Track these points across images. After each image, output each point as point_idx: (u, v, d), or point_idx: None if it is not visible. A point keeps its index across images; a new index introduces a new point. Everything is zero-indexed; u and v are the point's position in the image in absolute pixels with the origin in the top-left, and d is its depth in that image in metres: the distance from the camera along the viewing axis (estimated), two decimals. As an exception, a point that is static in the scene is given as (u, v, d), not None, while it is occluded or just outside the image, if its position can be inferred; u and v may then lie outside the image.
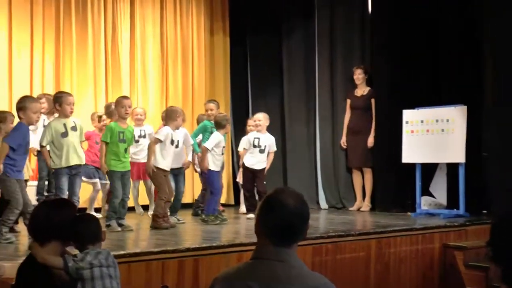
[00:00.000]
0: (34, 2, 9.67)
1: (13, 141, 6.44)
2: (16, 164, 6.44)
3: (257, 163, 8.70)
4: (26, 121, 6.53)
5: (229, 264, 5.52)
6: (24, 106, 6.52)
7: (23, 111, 6.50)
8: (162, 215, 7.55)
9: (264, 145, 8.71)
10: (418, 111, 8.78)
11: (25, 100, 6.66)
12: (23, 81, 9.39)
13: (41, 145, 6.96)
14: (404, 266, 7.08)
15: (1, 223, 6.32)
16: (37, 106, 6.64)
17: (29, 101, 6.63)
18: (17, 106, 6.63)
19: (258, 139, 8.72)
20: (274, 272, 2.55)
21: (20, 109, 6.54)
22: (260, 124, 8.80)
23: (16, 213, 6.41)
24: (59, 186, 6.91)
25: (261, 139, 8.73)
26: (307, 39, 10.82)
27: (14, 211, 6.36)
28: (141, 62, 10.69)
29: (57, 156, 6.94)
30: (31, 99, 6.80)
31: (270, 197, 2.68)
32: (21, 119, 6.55)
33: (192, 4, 11.38)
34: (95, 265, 3.58)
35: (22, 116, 6.52)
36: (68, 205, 3.86)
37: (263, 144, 8.71)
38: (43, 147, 6.97)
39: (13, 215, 6.37)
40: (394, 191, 9.35)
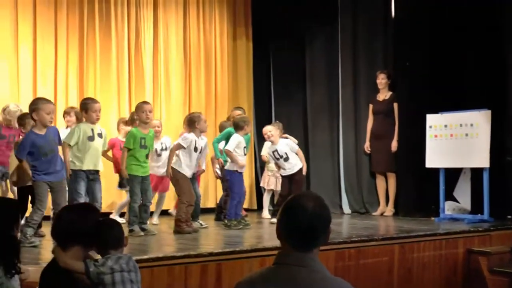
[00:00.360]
0: (58, 10, 9.76)
1: (20, 153, 6.55)
2: (38, 169, 6.50)
3: (290, 168, 8.66)
4: (40, 122, 6.55)
5: (252, 269, 5.52)
6: (37, 108, 6.54)
7: (36, 112, 6.53)
8: (185, 220, 7.57)
9: (284, 153, 8.65)
10: (441, 115, 8.73)
11: (37, 102, 6.68)
12: (48, 88, 9.47)
13: (68, 143, 6.98)
14: (427, 271, 7.04)
15: (25, 224, 6.39)
16: (49, 107, 6.61)
17: (42, 102, 6.64)
18: (30, 108, 6.64)
19: (276, 151, 8.66)
20: (297, 277, 2.54)
21: (33, 111, 6.56)
22: (272, 135, 8.70)
23: (40, 214, 6.49)
24: (77, 190, 6.94)
25: (278, 150, 8.65)
26: (330, 44, 10.81)
27: (38, 212, 6.45)
28: (164, 68, 10.74)
29: (78, 158, 6.98)
30: (44, 100, 6.78)
31: (290, 201, 2.69)
32: (34, 120, 6.58)
33: (215, 10, 11.42)
34: (116, 270, 3.59)
35: (35, 117, 6.53)
36: (91, 210, 3.88)
37: (282, 152, 8.64)
38: (70, 146, 6.97)
39: (37, 216, 6.45)
40: (417, 196, 9.31)
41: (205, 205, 10.42)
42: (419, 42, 9.28)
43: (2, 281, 3.67)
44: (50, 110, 6.60)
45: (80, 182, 6.95)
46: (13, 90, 9.29)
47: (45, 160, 6.56)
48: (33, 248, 6.16)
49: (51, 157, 6.62)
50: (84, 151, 6.97)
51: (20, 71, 9.39)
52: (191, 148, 7.73)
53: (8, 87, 9.26)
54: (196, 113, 8.35)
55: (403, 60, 9.53)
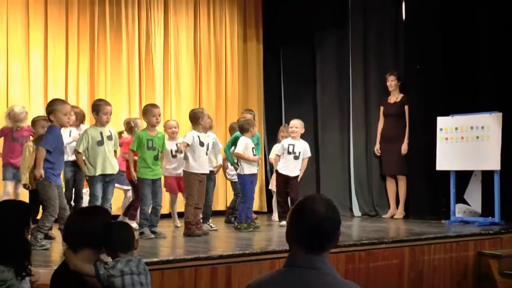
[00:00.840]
0: (69, 13, 9.80)
1: (48, 144, 6.51)
2: (55, 168, 6.53)
3: (291, 170, 8.69)
4: (58, 123, 6.58)
5: (262, 271, 5.52)
6: (54, 109, 6.58)
7: (53, 114, 6.57)
8: (195, 222, 7.57)
9: (298, 151, 8.70)
10: (452, 118, 8.70)
11: (54, 103, 6.72)
12: (59, 91, 9.48)
13: (77, 151, 7.03)
14: (438, 274, 7.01)
15: (36, 229, 6.38)
16: (66, 108, 6.68)
17: (59, 104, 6.69)
18: (47, 109, 6.69)
19: (293, 146, 8.73)
20: (307, 280, 2.54)
21: (50, 112, 6.60)
22: (296, 131, 8.79)
23: (52, 220, 6.49)
24: (94, 193, 6.97)
25: (296, 146, 8.73)
26: (341, 46, 10.80)
27: (50, 218, 6.44)
28: (175, 70, 10.76)
29: (92, 164, 7.01)
30: (61, 101, 6.85)
31: (300, 204, 2.67)
32: (52, 122, 6.62)
33: (226, 12, 11.44)
34: (126, 273, 3.59)
35: (53, 119, 6.58)
36: (102, 213, 3.88)
37: (298, 150, 8.71)
38: (79, 154, 7.02)
39: (49, 222, 6.45)
40: (428, 199, 9.29)
41: (215, 207, 10.42)
42: (430, 44, 9.26)
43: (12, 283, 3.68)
44: (67, 111, 6.67)
45: (96, 185, 6.99)
46: (24, 93, 9.33)
47: (61, 160, 6.58)
48: (44, 251, 6.16)
49: (62, 158, 6.66)
50: (96, 157, 6.99)
51: (31, 74, 9.43)
52: (196, 144, 7.68)
53: (19, 90, 9.31)
54: (199, 109, 8.34)
55: (414, 62, 9.51)
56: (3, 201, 4.26)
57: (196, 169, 7.66)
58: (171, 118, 10.03)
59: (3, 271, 3.64)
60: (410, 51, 9.69)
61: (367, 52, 10.43)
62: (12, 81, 9.27)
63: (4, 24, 9.21)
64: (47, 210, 6.46)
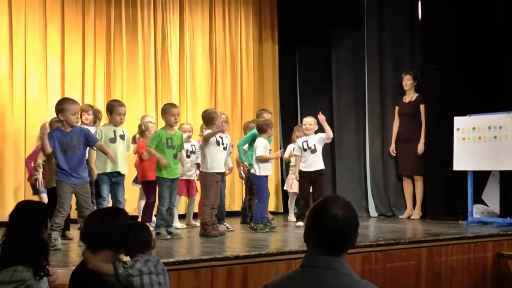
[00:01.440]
0: (86, 16, 9.85)
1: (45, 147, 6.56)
2: (62, 167, 6.53)
3: (312, 164, 8.68)
4: (66, 122, 6.58)
5: (278, 272, 5.51)
6: (63, 108, 6.59)
7: (62, 113, 6.58)
8: (211, 223, 7.57)
9: (313, 144, 8.69)
10: (469, 118, 8.64)
11: (63, 102, 6.73)
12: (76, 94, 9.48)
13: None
14: (455, 275, 6.97)
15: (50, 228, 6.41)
16: (75, 108, 6.67)
17: (68, 103, 6.68)
18: (56, 108, 6.70)
19: (306, 142, 8.73)
20: (324, 280, 2.54)
21: (59, 111, 6.61)
22: (310, 128, 8.80)
23: (62, 217, 6.47)
24: (101, 194, 7.00)
25: (309, 141, 8.73)
26: (356, 47, 10.77)
27: (59, 215, 6.44)
28: (190, 71, 10.79)
29: (101, 161, 7.03)
30: (70, 100, 6.83)
31: (318, 207, 2.67)
32: (61, 121, 6.64)
33: (241, 13, 11.45)
34: (145, 272, 3.60)
35: (62, 118, 6.59)
36: (121, 214, 3.89)
37: (312, 143, 8.70)
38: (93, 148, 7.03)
39: (59, 219, 6.43)
40: (445, 199, 9.24)
41: (231, 208, 10.43)
42: (446, 44, 9.21)
43: (31, 283, 3.71)
44: (75, 111, 6.66)
45: (102, 186, 7.01)
46: (41, 96, 9.39)
47: (69, 157, 6.57)
48: (57, 251, 6.16)
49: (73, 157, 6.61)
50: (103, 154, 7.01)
51: (49, 76, 9.49)
52: (213, 143, 7.67)
53: (37, 93, 9.36)
54: (212, 109, 8.32)
55: (430, 62, 9.47)
56: (21, 201, 4.29)
57: (214, 168, 7.64)
58: (186, 120, 10.07)
59: (22, 270, 3.67)
60: (426, 51, 9.65)
61: (383, 52, 10.40)
62: (30, 84, 9.33)
63: (22, 27, 9.27)
64: (56, 208, 6.51)
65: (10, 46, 9.17)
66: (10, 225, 3.87)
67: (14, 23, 9.21)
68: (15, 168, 9.04)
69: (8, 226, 3.87)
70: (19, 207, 4.00)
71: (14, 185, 9.03)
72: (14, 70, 9.19)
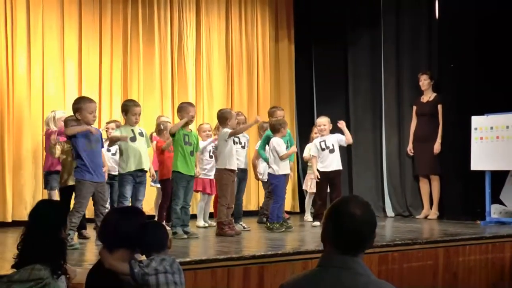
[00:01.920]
0: (103, 18, 9.90)
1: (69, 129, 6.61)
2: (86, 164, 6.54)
3: (330, 164, 8.67)
4: (83, 121, 6.61)
5: (294, 272, 5.50)
6: (80, 107, 6.62)
7: (79, 112, 6.61)
8: (228, 223, 7.57)
9: (331, 144, 8.68)
10: (487, 117, 8.59)
11: (80, 101, 6.77)
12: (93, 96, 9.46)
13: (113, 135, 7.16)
14: (473, 276, 6.92)
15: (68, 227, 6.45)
16: (92, 106, 6.69)
17: (84, 102, 6.72)
18: (73, 107, 6.73)
19: (324, 141, 8.72)
20: (341, 280, 2.53)
21: (76, 110, 6.65)
22: (324, 129, 8.79)
23: (78, 217, 6.50)
24: (123, 194, 7.01)
25: (327, 140, 8.72)
26: (373, 46, 10.75)
27: (76, 214, 6.46)
28: (207, 70, 10.81)
29: (124, 161, 7.05)
30: (87, 99, 6.87)
31: (337, 206, 2.66)
32: (78, 120, 6.67)
33: (257, 13, 11.45)
34: (160, 271, 3.61)
35: (79, 116, 6.63)
36: (138, 214, 3.90)
37: (330, 143, 8.69)
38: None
39: (75, 218, 6.45)
40: (462, 199, 9.19)
41: (247, 207, 10.44)
42: (464, 43, 9.17)
43: (49, 281, 3.73)
44: (92, 109, 6.69)
45: (126, 186, 7.02)
46: (59, 96, 9.43)
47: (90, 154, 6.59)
48: (75, 250, 6.19)
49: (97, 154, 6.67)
50: (129, 153, 7.04)
51: (66, 77, 9.54)
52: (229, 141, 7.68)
53: (54, 93, 9.41)
54: (226, 109, 8.33)
55: (448, 61, 9.43)
56: (41, 201, 4.31)
57: (231, 165, 7.65)
58: (202, 120, 10.09)
59: (39, 269, 3.69)
60: (443, 50, 9.60)
61: (400, 51, 10.36)
62: (48, 85, 9.38)
63: (39, 28, 9.33)
64: (74, 207, 6.53)
65: (28, 47, 9.22)
66: (30, 224, 3.89)
67: (32, 24, 9.26)
68: (33, 168, 9.09)
69: (28, 225, 3.88)
70: (39, 206, 4.01)
71: (32, 184, 9.08)
72: (32, 71, 9.25)
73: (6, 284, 3.70)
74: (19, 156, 9.03)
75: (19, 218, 8.68)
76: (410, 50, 10.24)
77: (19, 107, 9.09)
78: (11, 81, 9.01)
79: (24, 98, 9.15)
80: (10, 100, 9.00)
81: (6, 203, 8.82)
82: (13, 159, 8.98)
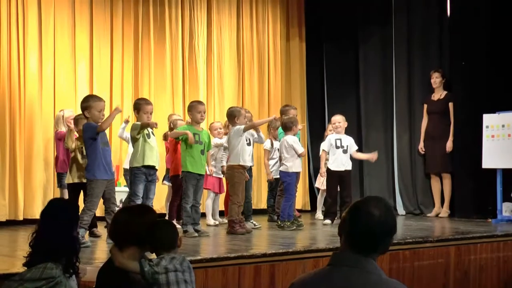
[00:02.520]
0: (114, 14, 9.91)
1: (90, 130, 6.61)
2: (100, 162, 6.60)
3: (342, 164, 8.66)
4: (92, 119, 6.65)
5: (305, 270, 5.51)
6: (88, 105, 6.66)
7: (88, 110, 6.65)
8: (238, 221, 7.58)
9: (346, 145, 8.68)
10: (499, 115, 8.57)
11: (89, 99, 6.81)
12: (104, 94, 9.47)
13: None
14: (485, 274, 6.90)
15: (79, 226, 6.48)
16: (101, 105, 6.73)
17: (93, 100, 6.77)
18: (82, 105, 6.77)
19: (340, 140, 8.70)
20: (352, 278, 2.52)
21: (85, 108, 6.69)
22: (339, 126, 8.77)
23: (90, 215, 6.56)
24: (135, 192, 7.02)
25: (343, 140, 8.71)
26: (384, 44, 10.72)
27: (88, 212, 6.52)
28: (218, 68, 10.81)
29: (139, 155, 7.07)
30: (96, 97, 6.93)
31: (358, 203, 2.67)
32: (87, 118, 6.71)
33: (268, 11, 11.45)
34: (170, 270, 3.62)
35: (88, 115, 6.66)
36: (149, 212, 3.91)
37: (345, 144, 8.68)
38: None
39: (87, 216, 6.51)
40: (474, 197, 9.16)
41: (258, 206, 10.43)
42: (475, 41, 9.14)
43: (60, 279, 3.74)
44: (101, 108, 6.72)
45: (139, 185, 7.04)
46: (70, 95, 9.45)
47: (104, 152, 6.63)
48: (86, 248, 6.20)
49: (108, 152, 6.71)
50: (144, 149, 7.06)
51: (78, 75, 9.56)
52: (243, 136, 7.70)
53: (65, 92, 9.43)
54: (236, 107, 8.31)
55: (459, 60, 9.40)
56: (53, 199, 4.32)
57: (245, 161, 7.64)
58: (214, 118, 10.09)
59: (51, 268, 3.70)
60: (455, 48, 9.58)
61: (411, 49, 10.34)
62: (59, 84, 9.41)
63: (51, 27, 9.36)
64: (85, 205, 6.58)
65: (40, 46, 9.25)
66: (42, 222, 3.90)
67: (44, 23, 9.29)
68: (44, 167, 9.12)
69: (40, 223, 3.90)
70: (52, 205, 4.03)
71: (43, 182, 9.12)
72: (44, 70, 9.28)
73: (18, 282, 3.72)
74: (30, 155, 9.06)
75: (31, 216, 8.73)
76: (422, 48, 10.21)
77: (30, 106, 9.13)
78: (22, 80, 9.04)
79: (36, 96, 9.18)
80: (21, 99, 9.03)
81: (18, 201, 8.85)
82: (25, 157, 9.01)
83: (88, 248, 6.25)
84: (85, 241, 6.37)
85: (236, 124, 7.74)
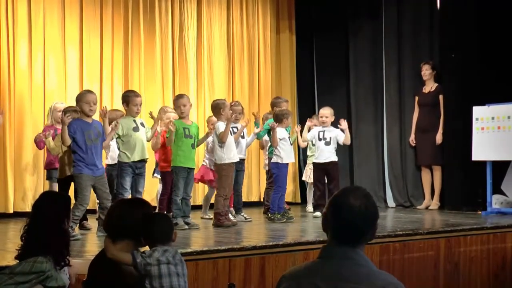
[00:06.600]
0: (104, 5, 9.85)
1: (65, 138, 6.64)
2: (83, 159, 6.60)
3: (325, 156, 8.67)
4: (82, 112, 6.74)
5: (296, 262, 5.52)
6: (78, 98, 6.85)
7: (79, 103, 6.80)
8: (224, 213, 7.58)
9: (329, 137, 8.67)
10: (488, 107, 8.59)
11: (80, 93, 7.03)
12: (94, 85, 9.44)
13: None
14: (474, 266, 6.93)
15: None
16: (88, 97, 6.78)
17: (83, 93, 6.96)
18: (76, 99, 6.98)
19: (323, 132, 8.71)
20: (342, 271, 2.54)
21: (76, 102, 6.90)
22: (326, 121, 8.77)
23: (82, 210, 6.59)
24: (122, 185, 7.03)
25: (326, 132, 8.71)
26: (374, 36, 10.72)
27: (80, 207, 6.54)
28: (208, 61, 10.78)
29: (125, 150, 7.07)
30: (86, 91, 7.10)
31: (337, 197, 2.67)
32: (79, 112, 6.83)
33: (258, 3, 11.42)
34: (163, 262, 3.62)
35: (78, 108, 6.81)
36: (144, 205, 3.90)
37: (328, 136, 8.68)
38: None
39: (79, 211, 6.53)
40: (464, 189, 9.18)
41: (249, 198, 10.44)
42: (465, 33, 9.15)
43: (51, 273, 3.74)
44: (89, 100, 6.78)
45: (126, 178, 7.04)
46: (60, 87, 9.41)
47: (89, 148, 6.62)
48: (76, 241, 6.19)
49: (95, 148, 6.68)
50: (131, 143, 7.08)
51: (67, 67, 9.51)
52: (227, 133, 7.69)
53: (55, 84, 9.39)
54: (221, 99, 8.28)
55: (449, 51, 9.41)
56: (45, 192, 4.33)
57: (231, 158, 7.66)
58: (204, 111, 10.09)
59: (42, 262, 3.70)
60: (445, 40, 9.59)
61: (401, 41, 10.34)
62: (49, 75, 9.35)
63: (40, 18, 9.30)
64: (76, 201, 6.58)
65: (29, 38, 9.20)
66: (33, 215, 3.89)
67: (33, 14, 9.23)
68: (34, 160, 9.09)
69: (32, 216, 3.89)
70: (43, 198, 4.02)
71: (33, 176, 9.08)
72: (33, 61, 9.23)
73: (8, 276, 3.72)
74: (20, 148, 9.02)
75: (21, 209, 8.70)
76: (412, 40, 10.21)
77: (20, 99, 9.08)
78: (12, 72, 8.99)
79: (26, 89, 9.13)
80: (11, 92, 8.98)
81: (8, 194, 8.82)
82: (15, 150, 8.97)
83: (78, 240, 6.24)
84: (75, 233, 6.36)
85: (222, 116, 7.73)
